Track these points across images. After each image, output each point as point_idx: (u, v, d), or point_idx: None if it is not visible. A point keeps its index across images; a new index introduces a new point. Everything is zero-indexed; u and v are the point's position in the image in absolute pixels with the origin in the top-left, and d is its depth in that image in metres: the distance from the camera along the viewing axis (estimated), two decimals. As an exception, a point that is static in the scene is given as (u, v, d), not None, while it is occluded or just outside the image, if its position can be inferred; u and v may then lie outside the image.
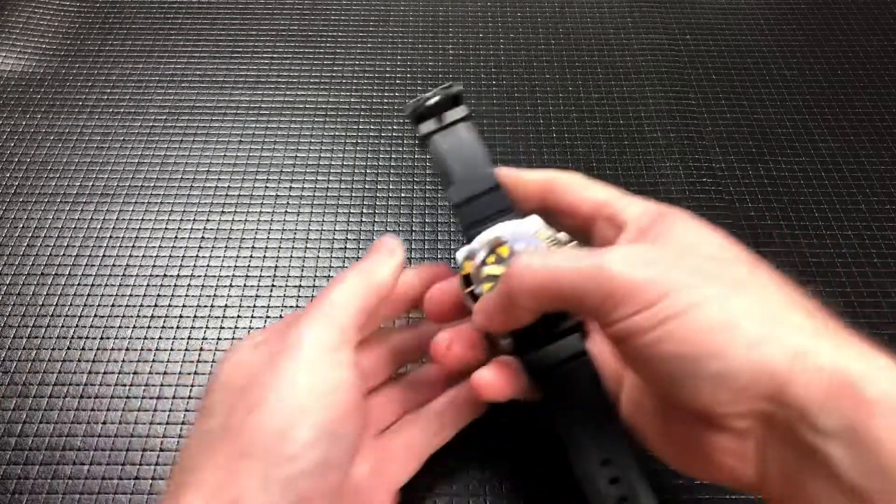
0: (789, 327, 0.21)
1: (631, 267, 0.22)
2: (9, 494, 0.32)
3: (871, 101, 0.50)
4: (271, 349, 0.25)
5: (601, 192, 0.28)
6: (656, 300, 0.21)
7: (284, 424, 0.22)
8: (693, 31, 0.55)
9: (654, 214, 0.26)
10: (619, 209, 0.27)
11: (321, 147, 0.47)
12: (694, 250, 0.24)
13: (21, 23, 0.54)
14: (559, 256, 0.23)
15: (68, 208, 0.44)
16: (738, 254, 0.24)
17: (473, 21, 0.56)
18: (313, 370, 0.24)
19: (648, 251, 0.23)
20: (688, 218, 0.26)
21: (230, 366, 0.25)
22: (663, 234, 0.25)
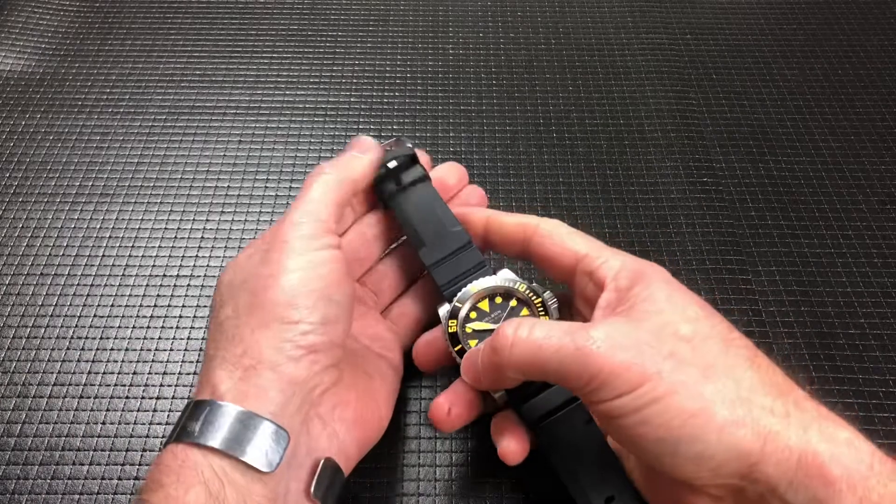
0: (759, 409, 0.23)
1: (612, 350, 0.24)
2: (8, 494, 0.32)
3: (871, 101, 0.50)
4: (263, 250, 0.28)
5: (581, 244, 0.30)
6: (636, 386, 0.23)
7: (287, 297, 0.26)
8: (693, 30, 0.55)
9: (632, 274, 0.27)
10: (599, 265, 0.28)
11: (321, 147, 0.47)
12: (670, 328, 0.25)
13: (21, 23, 0.54)
14: (544, 331, 0.25)
15: (68, 208, 0.44)
16: (711, 325, 0.26)
17: (473, 21, 0.56)
18: (301, 254, 0.27)
19: (629, 332, 0.25)
20: (663, 281, 0.27)
21: (230, 271, 0.29)
22: (641, 304, 0.26)
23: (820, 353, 0.38)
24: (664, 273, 0.28)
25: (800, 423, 0.23)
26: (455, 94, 0.50)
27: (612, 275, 0.28)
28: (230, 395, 0.25)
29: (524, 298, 0.31)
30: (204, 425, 0.24)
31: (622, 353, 0.24)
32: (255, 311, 0.26)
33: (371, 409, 0.30)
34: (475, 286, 0.31)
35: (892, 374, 0.37)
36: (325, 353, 0.27)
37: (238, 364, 0.26)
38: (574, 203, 0.44)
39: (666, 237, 0.42)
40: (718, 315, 0.27)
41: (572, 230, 0.30)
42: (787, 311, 0.39)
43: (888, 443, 0.34)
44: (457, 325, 0.30)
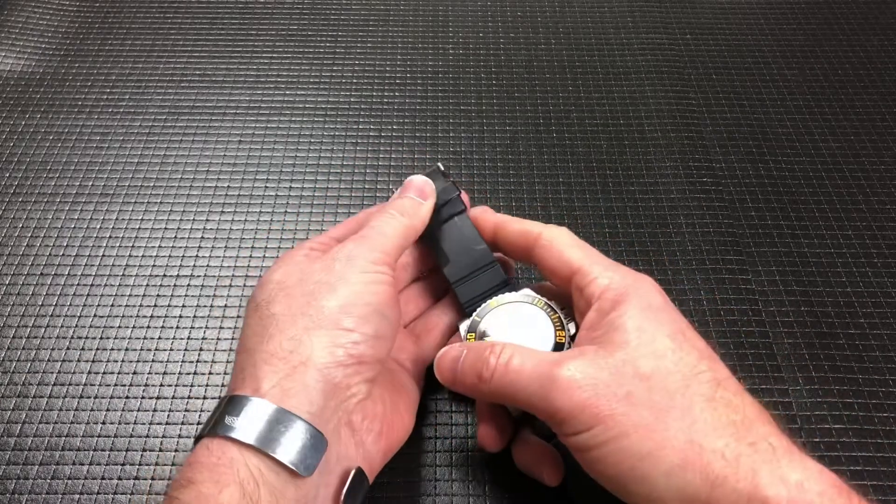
0: (709, 454, 0.24)
1: (571, 390, 0.25)
2: (9, 494, 0.32)
3: (871, 101, 0.50)
4: (325, 259, 0.29)
5: (577, 256, 0.30)
6: (590, 426, 0.25)
7: (345, 304, 0.27)
8: (693, 30, 0.55)
9: (614, 296, 0.28)
10: (588, 282, 0.29)
11: (321, 147, 0.47)
12: (630, 365, 0.26)
13: (21, 23, 0.54)
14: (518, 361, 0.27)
15: (68, 208, 0.44)
16: (676, 360, 0.26)
17: (473, 21, 0.56)
18: (363, 272, 0.28)
19: (591, 369, 0.26)
20: (639, 308, 0.27)
21: (281, 269, 0.29)
22: (612, 333, 0.27)
23: (820, 353, 0.38)
24: (647, 293, 0.28)
25: (750, 466, 0.23)
26: (455, 94, 0.50)
27: (598, 294, 0.28)
28: (273, 392, 0.25)
29: (540, 312, 0.32)
30: (243, 420, 0.24)
31: (580, 392, 0.25)
32: (311, 313, 0.27)
33: (396, 421, 0.30)
34: (495, 301, 0.32)
35: (892, 374, 0.37)
36: (369, 365, 0.27)
37: (287, 360, 0.26)
38: (574, 203, 0.44)
39: (666, 237, 0.42)
40: (692, 340, 0.27)
41: (573, 241, 0.31)
42: (787, 311, 0.39)
43: (888, 443, 0.34)
44: (475, 339, 0.31)
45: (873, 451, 0.34)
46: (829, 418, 0.35)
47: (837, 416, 0.35)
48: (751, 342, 0.38)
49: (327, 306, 0.27)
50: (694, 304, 0.39)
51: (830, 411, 0.36)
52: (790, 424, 0.35)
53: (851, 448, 0.34)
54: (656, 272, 0.41)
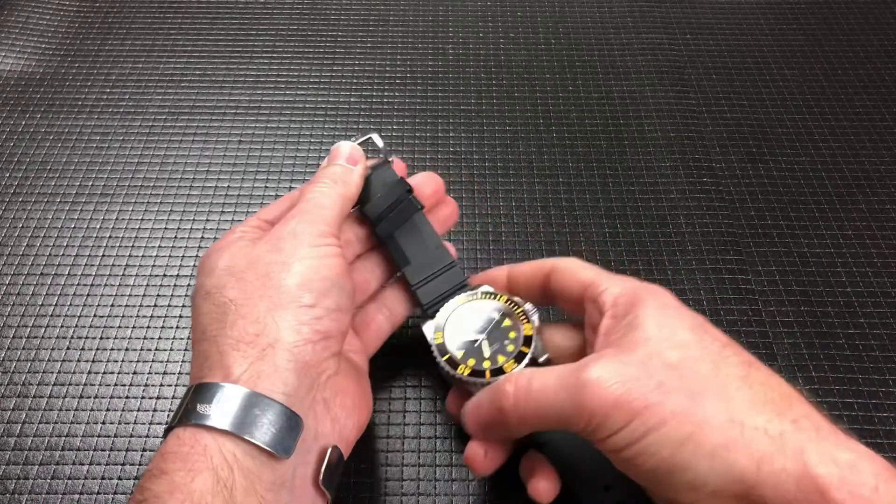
0: (751, 430, 0.23)
1: (601, 390, 0.25)
2: (9, 494, 0.32)
3: (871, 101, 0.50)
4: (270, 240, 0.29)
5: (588, 273, 0.30)
6: (628, 421, 0.24)
7: (302, 281, 0.27)
8: (693, 30, 0.55)
9: (627, 300, 0.28)
10: (601, 292, 0.29)
11: (321, 147, 0.47)
12: (657, 357, 0.25)
13: (21, 23, 0.54)
14: (540, 382, 0.27)
15: (68, 208, 0.44)
16: (701, 347, 0.26)
17: (473, 21, 0.56)
18: (312, 247, 0.28)
19: (617, 367, 0.25)
20: (655, 307, 0.27)
21: (229, 254, 0.29)
22: (632, 333, 0.26)
23: (820, 353, 0.38)
24: (661, 296, 0.28)
25: (796, 444, 0.23)
26: (455, 94, 0.50)
27: (611, 301, 0.28)
28: (245, 377, 0.25)
29: (506, 311, 0.32)
30: (216, 407, 0.24)
31: (611, 390, 0.24)
32: (270, 294, 0.27)
33: (364, 397, 0.31)
34: (458, 300, 0.33)
35: (892, 374, 0.37)
36: (335, 339, 0.28)
37: (254, 344, 0.26)
38: (574, 203, 0.44)
39: (666, 237, 0.42)
40: (712, 332, 0.27)
41: (585, 264, 0.31)
42: (787, 311, 0.39)
43: (888, 443, 0.34)
44: (443, 337, 0.31)
45: (873, 451, 0.34)
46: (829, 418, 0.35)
47: (837, 416, 0.35)
48: (751, 342, 0.38)
49: (285, 285, 0.27)
50: (694, 304, 0.39)
51: (830, 411, 0.36)
52: (790, 424, 0.35)
53: (851, 448, 0.34)
54: (656, 272, 0.41)
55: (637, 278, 0.30)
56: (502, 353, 0.31)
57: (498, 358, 0.31)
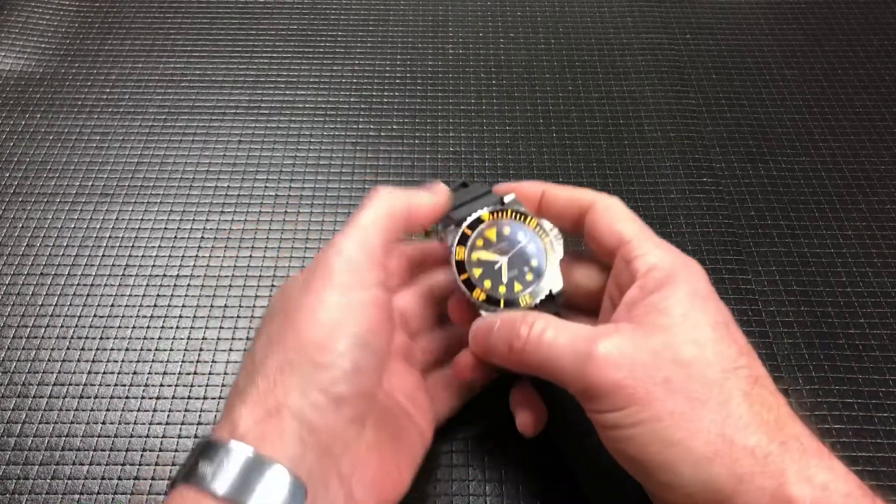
0: (740, 450, 0.23)
1: (608, 367, 0.25)
2: (9, 494, 0.32)
3: (871, 101, 0.50)
4: (308, 268, 0.27)
5: (628, 228, 0.29)
6: (624, 405, 0.24)
7: (320, 336, 0.25)
8: (693, 30, 0.55)
9: (661, 276, 0.27)
10: (636, 256, 0.28)
11: (321, 147, 0.47)
12: (671, 350, 0.25)
13: (21, 22, 0.54)
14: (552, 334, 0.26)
15: (68, 208, 0.44)
16: (717, 351, 0.25)
17: (473, 21, 0.56)
18: (343, 289, 0.26)
19: (630, 348, 0.25)
20: (687, 293, 0.26)
21: (276, 295, 0.28)
22: (656, 315, 0.26)
23: (820, 353, 0.38)
24: (696, 279, 0.27)
25: (779, 464, 0.23)
26: (455, 94, 0.50)
27: (644, 270, 0.27)
28: (250, 435, 0.23)
29: (532, 237, 0.31)
30: (217, 469, 0.23)
31: (617, 371, 0.24)
32: (286, 343, 0.25)
33: (392, 475, 0.28)
34: (484, 211, 0.31)
35: (892, 374, 0.37)
36: (352, 404, 0.25)
37: (262, 403, 0.24)
38: (574, 203, 0.44)
39: (666, 237, 0.42)
40: (734, 333, 0.26)
41: (626, 212, 0.30)
42: (787, 311, 0.39)
43: (888, 443, 0.34)
44: (464, 253, 0.31)
45: (873, 451, 0.34)
46: (829, 418, 0.35)
47: (837, 416, 0.35)
48: (751, 342, 0.38)
49: (302, 337, 0.25)
50: (694, 304, 0.39)
51: (830, 411, 0.36)
52: (790, 424, 0.35)
53: (851, 448, 0.34)
54: (656, 272, 0.41)
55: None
56: (520, 281, 0.30)
57: (515, 286, 0.30)
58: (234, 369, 0.37)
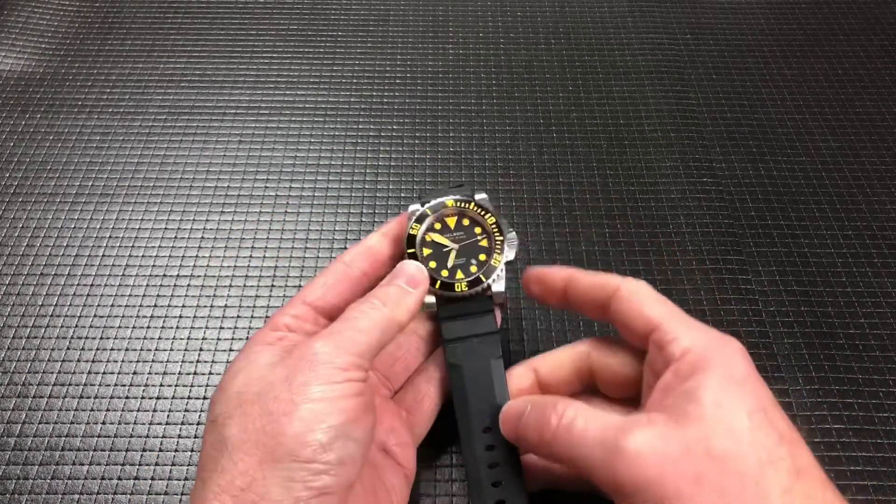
0: None
1: (638, 465, 0.23)
2: (8, 494, 0.32)
3: (871, 101, 0.50)
4: (289, 363, 0.26)
5: (658, 311, 0.28)
6: (653, 502, 0.23)
7: (302, 430, 0.24)
8: (693, 30, 0.55)
9: (695, 360, 0.26)
10: (669, 341, 0.27)
11: (321, 147, 0.47)
12: (704, 443, 0.24)
13: (21, 23, 0.54)
14: (583, 423, 0.25)
15: (68, 208, 0.44)
16: (753, 441, 0.24)
17: (473, 21, 0.56)
18: (327, 384, 0.25)
19: (661, 442, 0.24)
20: (720, 377, 0.25)
21: (244, 378, 0.26)
22: (688, 404, 0.25)
23: (820, 353, 0.38)
24: (731, 361, 0.26)
25: None
26: (455, 94, 0.50)
27: (678, 354, 0.26)
28: None
29: (488, 231, 0.32)
30: None
31: (647, 469, 0.23)
32: (266, 441, 0.24)
33: None
34: (450, 198, 0.33)
35: (892, 374, 0.37)
36: (335, 495, 0.25)
37: (239, 499, 0.23)
38: (574, 203, 0.44)
39: (666, 237, 0.42)
40: (773, 418, 0.25)
41: (654, 294, 0.29)
42: (787, 311, 0.39)
43: (888, 443, 0.34)
44: (419, 230, 0.32)
45: (873, 451, 0.34)
46: (829, 418, 0.35)
47: (837, 416, 0.35)
48: (751, 342, 0.38)
49: (285, 433, 0.24)
50: (694, 304, 0.39)
51: (830, 411, 0.36)
52: (790, 424, 0.35)
53: (851, 448, 0.34)
54: (656, 272, 0.41)
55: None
56: (463, 271, 0.31)
57: (457, 273, 0.31)
58: (234, 369, 0.37)
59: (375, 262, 0.32)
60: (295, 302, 0.30)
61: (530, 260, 0.41)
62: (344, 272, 0.31)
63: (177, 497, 0.33)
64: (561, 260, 0.41)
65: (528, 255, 0.42)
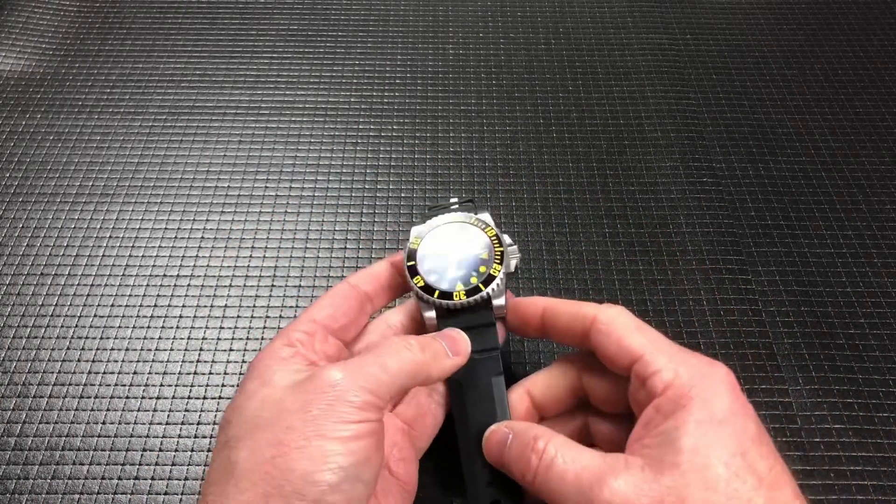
0: None
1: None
2: (9, 494, 0.32)
3: (871, 101, 0.50)
4: (306, 390, 0.25)
5: (637, 341, 0.27)
6: None
7: (311, 469, 0.24)
8: (693, 30, 0.55)
9: (675, 397, 0.25)
10: (650, 374, 0.26)
11: (321, 147, 0.47)
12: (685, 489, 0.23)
13: (21, 23, 0.54)
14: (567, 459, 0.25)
15: (68, 208, 0.44)
16: (730, 492, 0.23)
17: (473, 21, 0.56)
18: (342, 423, 0.25)
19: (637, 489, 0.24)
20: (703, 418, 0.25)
21: (259, 401, 0.26)
22: (665, 449, 0.24)
23: (820, 353, 0.38)
24: (713, 399, 0.25)
25: None
26: (455, 94, 0.51)
27: (661, 389, 0.26)
28: None
29: (488, 245, 0.32)
30: None
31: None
32: (276, 472, 0.24)
33: None
34: (452, 217, 0.33)
35: (892, 374, 0.37)
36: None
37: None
38: (574, 203, 0.44)
39: (666, 237, 0.42)
40: (751, 466, 0.24)
41: (632, 323, 0.28)
42: (787, 311, 0.39)
43: (888, 443, 0.34)
44: (419, 244, 0.32)
45: (873, 451, 0.34)
46: (829, 418, 0.35)
47: (837, 416, 0.35)
48: (751, 342, 0.38)
49: (293, 470, 0.23)
50: (694, 304, 0.39)
51: (830, 411, 0.36)
52: (790, 424, 0.35)
53: (851, 448, 0.34)
54: (656, 272, 0.41)
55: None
56: (463, 283, 0.31)
57: (457, 285, 0.31)
58: (234, 369, 0.37)
59: (380, 287, 0.32)
60: (301, 319, 0.29)
61: (530, 260, 0.41)
62: (348, 291, 0.31)
63: (177, 497, 0.33)
64: (561, 260, 0.41)
65: (528, 255, 0.42)
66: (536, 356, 0.38)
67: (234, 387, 0.36)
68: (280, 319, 0.39)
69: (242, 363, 0.37)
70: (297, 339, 0.28)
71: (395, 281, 0.33)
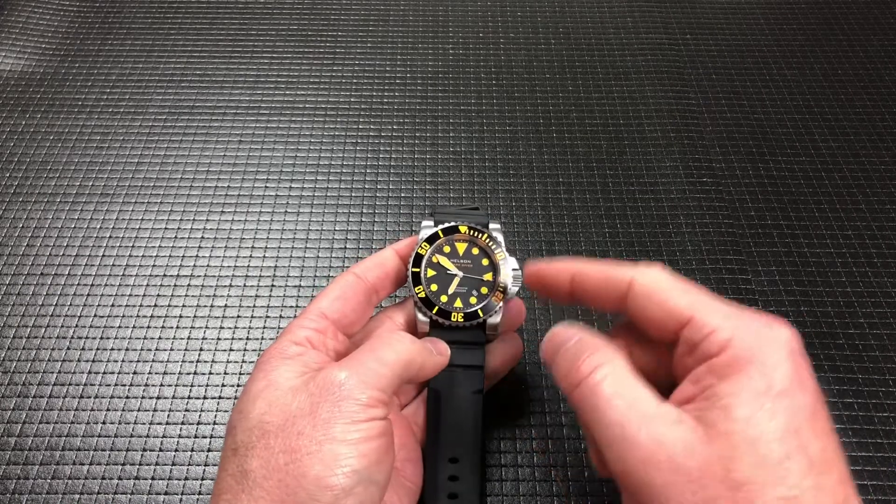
0: None
1: (650, 468, 0.22)
2: (9, 494, 0.32)
3: (871, 101, 0.50)
4: (312, 392, 0.25)
5: (684, 301, 0.25)
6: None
7: (324, 473, 0.23)
8: (693, 30, 0.55)
9: (733, 361, 0.23)
10: (703, 337, 0.24)
11: (321, 147, 0.47)
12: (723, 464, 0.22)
13: (21, 23, 0.54)
14: (612, 389, 0.24)
15: (68, 208, 0.44)
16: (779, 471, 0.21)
17: (473, 21, 0.56)
18: (352, 424, 0.24)
19: (681, 452, 0.22)
20: (761, 387, 0.22)
21: (265, 404, 0.25)
22: (717, 413, 0.22)
23: (820, 353, 0.38)
24: (774, 363, 0.23)
25: None
26: (455, 94, 0.51)
27: (714, 350, 0.23)
28: None
29: (496, 265, 0.31)
30: None
31: (655, 476, 0.22)
32: (289, 479, 0.24)
33: None
34: (464, 224, 0.32)
35: (892, 374, 0.37)
36: None
37: None
38: (574, 203, 0.44)
39: (666, 237, 0.42)
40: (805, 446, 0.22)
41: (674, 282, 0.25)
42: (787, 311, 0.39)
43: (888, 443, 0.34)
44: (427, 251, 0.31)
45: (873, 451, 0.34)
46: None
47: (837, 416, 0.35)
48: (751, 342, 0.38)
49: (306, 475, 0.23)
50: (694, 304, 0.39)
51: (830, 411, 0.35)
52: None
53: (851, 448, 0.34)
54: (656, 272, 0.41)
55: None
56: (463, 300, 0.31)
57: (456, 301, 0.31)
58: (233, 369, 0.37)
59: (385, 276, 0.32)
60: (311, 313, 0.29)
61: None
62: (356, 283, 0.30)
63: (177, 497, 0.33)
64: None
65: (528, 255, 0.42)
66: (536, 356, 0.38)
67: (234, 387, 0.36)
68: (280, 319, 0.39)
69: (242, 363, 0.37)
70: (306, 336, 0.28)
71: (401, 272, 0.32)
